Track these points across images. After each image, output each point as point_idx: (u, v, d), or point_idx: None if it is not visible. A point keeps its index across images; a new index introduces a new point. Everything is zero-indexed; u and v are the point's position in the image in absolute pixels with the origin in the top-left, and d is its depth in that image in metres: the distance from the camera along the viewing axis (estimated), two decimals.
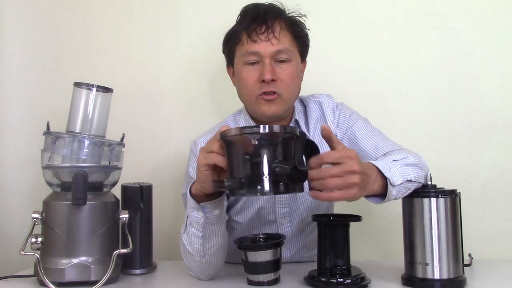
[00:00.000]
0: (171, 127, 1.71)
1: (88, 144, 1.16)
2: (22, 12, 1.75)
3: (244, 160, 0.87)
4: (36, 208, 1.13)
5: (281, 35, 1.20)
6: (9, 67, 1.74)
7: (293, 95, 1.24)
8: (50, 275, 1.06)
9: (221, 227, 1.09)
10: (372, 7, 1.70)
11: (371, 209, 1.64)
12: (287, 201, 1.29)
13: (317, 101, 1.33)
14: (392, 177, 1.00)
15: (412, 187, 1.06)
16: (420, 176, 1.08)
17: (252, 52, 1.19)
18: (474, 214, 1.63)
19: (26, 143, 1.71)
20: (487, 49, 1.67)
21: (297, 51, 1.25)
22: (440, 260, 1.01)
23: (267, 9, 1.22)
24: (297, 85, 1.25)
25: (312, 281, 1.06)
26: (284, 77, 1.20)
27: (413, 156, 1.12)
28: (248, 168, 0.86)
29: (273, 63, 1.19)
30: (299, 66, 1.26)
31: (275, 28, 1.19)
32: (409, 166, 1.06)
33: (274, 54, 1.19)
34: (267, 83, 1.18)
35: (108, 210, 1.15)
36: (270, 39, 1.18)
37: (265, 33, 1.18)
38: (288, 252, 1.33)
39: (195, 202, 1.03)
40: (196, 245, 1.09)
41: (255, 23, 1.19)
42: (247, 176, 0.85)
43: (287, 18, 1.24)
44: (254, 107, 1.22)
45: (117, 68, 1.72)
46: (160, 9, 1.73)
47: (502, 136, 1.65)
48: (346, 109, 1.32)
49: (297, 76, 1.25)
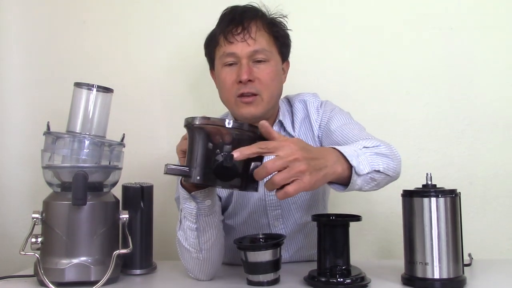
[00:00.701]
0: (172, 127, 1.71)
1: (88, 144, 1.16)
2: (22, 12, 1.75)
3: (194, 148, 0.90)
4: (36, 208, 1.13)
5: (257, 35, 1.20)
6: (9, 67, 1.74)
7: (273, 95, 1.23)
8: (50, 275, 1.06)
9: (214, 219, 1.10)
10: (372, 7, 1.70)
11: (371, 209, 1.64)
12: (278, 203, 1.29)
13: (302, 100, 1.32)
14: (358, 165, 0.95)
15: (380, 179, 1.01)
16: (390, 168, 1.03)
17: (229, 53, 1.20)
18: (474, 214, 1.63)
19: (26, 143, 1.71)
20: (487, 49, 1.67)
21: (276, 51, 1.24)
22: (440, 260, 1.01)
23: (244, 10, 1.23)
24: (277, 85, 1.24)
25: (312, 281, 1.06)
26: (263, 77, 1.19)
27: (386, 146, 1.07)
28: (195, 157, 0.89)
29: (251, 63, 1.19)
30: (279, 66, 1.26)
31: (251, 28, 1.19)
32: (380, 156, 1.02)
33: (250, 54, 1.19)
34: (244, 83, 1.18)
35: (108, 210, 1.15)
36: (246, 39, 1.19)
37: (241, 34, 1.19)
38: (287, 253, 1.33)
39: (186, 192, 1.04)
40: (192, 239, 1.09)
41: (231, 24, 1.20)
42: (193, 164, 0.89)
43: (264, 18, 1.24)
44: (233, 109, 1.23)
45: (117, 68, 1.72)
46: (161, 8, 1.73)
47: (502, 136, 1.65)
48: (329, 106, 1.30)
49: (277, 76, 1.24)
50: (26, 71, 1.74)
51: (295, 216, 1.30)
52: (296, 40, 1.30)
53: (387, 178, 1.04)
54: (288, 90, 1.36)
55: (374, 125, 1.71)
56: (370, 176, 0.99)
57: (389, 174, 1.03)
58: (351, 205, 1.63)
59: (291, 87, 1.38)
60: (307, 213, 1.31)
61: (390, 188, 1.61)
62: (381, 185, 1.05)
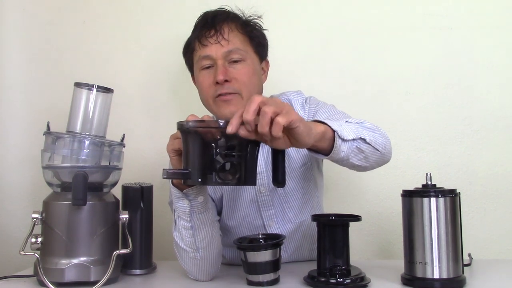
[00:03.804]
0: (171, 127, 1.71)
1: (88, 144, 1.16)
2: (22, 12, 1.75)
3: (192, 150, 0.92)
4: (36, 208, 1.13)
5: (230, 36, 1.21)
6: (9, 67, 1.74)
7: (253, 93, 1.22)
8: (50, 275, 1.06)
9: (208, 216, 1.10)
10: (372, 7, 1.70)
11: (371, 209, 1.65)
12: (271, 202, 1.29)
13: (286, 98, 1.32)
14: (342, 131, 0.95)
15: (368, 151, 1.01)
16: (379, 142, 1.03)
17: (204, 56, 1.22)
18: (474, 214, 1.63)
19: (26, 143, 1.71)
20: (487, 49, 1.67)
21: (252, 50, 1.26)
22: (439, 260, 1.01)
23: (215, 14, 1.25)
24: (256, 83, 1.25)
25: (312, 281, 1.06)
26: (239, 77, 1.20)
27: (371, 123, 1.08)
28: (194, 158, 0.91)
29: (227, 64, 1.21)
30: (257, 65, 1.27)
31: (223, 30, 1.21)
32: (365, 129, 1.03)
33: (225, 55, 1.21)
34: (221, 84, 1.19)
35: (108, 210, 1.15)
36: (219, 41, 1.21)
37: (214, 36, 1.21)
38: (285, 253, 1.33)
39: (178, 190, 1.05)
40: (188, 238, 1.09)
41: (204, 29, 1.23)
42: (193, 166, 0.91)
43: (237, 19, 1.25)
44: (213, 109, 1.24)
45: (117, 68, 1.72)
46: (161, 8, 1.73)
47: (502, 136, 1.65)
48: (313, 102, 1.31)
49: (255, 74, 1.25)
50: (26, 71, 1.74)
51: (289, 216, 1.30)
52: (296, 40, 1.31)
53: (376, 153, 1.04)
54: (288, 90, 1.36)
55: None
56: (357, 146, 0.99)
57: (378, 149, 1.03)
58: (350, 205, 1.64)
59: (291, 87, 1.38)
60: (301, 212, 1.31)
61: (390, 188, 1.63)
62: (371, 161, 1.04)
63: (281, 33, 1.67)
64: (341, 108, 1.31)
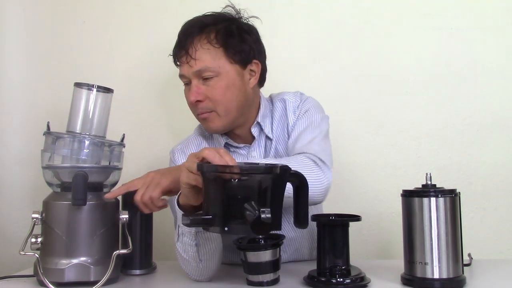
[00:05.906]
0: (171, 127, 1.71)
1: (88, 144, 1.16)
2: (22, 12, 1.75)
3: (216, 196, 0.86)
4: (36, 208, 1.13)
5: (198, 54, 1.19)
6: (10, 67, 1.74)
7: (231, 107, 1.21)
8: (50, 275, 1.06)
9: (213, 234, 1.08)
10: (372, 7, 1.70)
11: (371, 209, 1.65)
12: None
13: (282, 99, 1.31)
14: None
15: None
16: None
17: (181, 75, 1.25)
18: (474, 214, 1.63)
19: (26, 143, 1.71)
20: (487, 49, 1.67)
21: (226, 61, 1.20)
22: (439, 260, 1.01)
23: (186, 32, 1.22)
24: (233, 96, 1.21)
25: (312, 281, 1.06)
26: (212, 95, 1.20)
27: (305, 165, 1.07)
28: (219, 205, 0.85)
29: (201, 82, 1.21)
30: (233, 76, 1.21)
31: (192, 49, 1.19)
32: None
33: (196, 74, 1.20)
34: (196, 104, 1.22)
35: (108, 210, 1.15)
36: (188, 62, 1.20)
37: (183, 56, 1.21)
38: (285, 254, 1.32)
39: (183, 211, 1.02)
40: (191, 252, 1.08)
41: (177, 47, 1.24)
42: (217, 213, 0.84)
43: (210, 32, 1.21)
44: (201, 124, 1.29)
45: (117, 68, 1.72)
46: (161, 9, 1.73)
47: (502, 136, 1.65)
48: (304, 107, 1.28)
49: (232, 86, 1.21)
50: (26, 71, 1.74)
51: (285, 216, 1.30)
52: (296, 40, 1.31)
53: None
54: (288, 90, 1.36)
55: (374, 125, 1.71)
56: None
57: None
58: (350, 205, 1.64)
59: (291, 88, 1.38)
60: None
61: (390, 188, 1.63)
62: None
63: (281, 33, 1.67)
64: (341, 108, 1.31)
